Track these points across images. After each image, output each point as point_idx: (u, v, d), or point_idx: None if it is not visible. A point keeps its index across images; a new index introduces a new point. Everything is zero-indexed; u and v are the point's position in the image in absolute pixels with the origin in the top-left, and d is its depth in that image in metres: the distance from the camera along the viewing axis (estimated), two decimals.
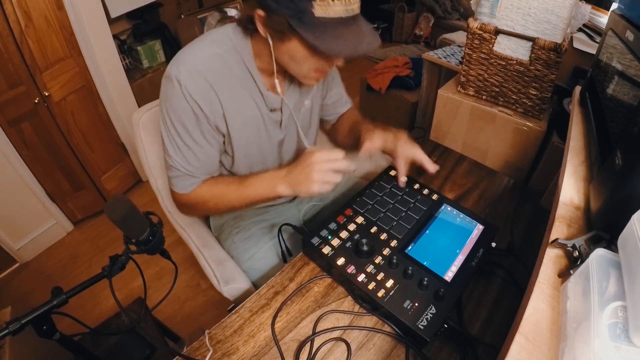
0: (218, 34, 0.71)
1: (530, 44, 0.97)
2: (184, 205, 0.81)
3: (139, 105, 1.91)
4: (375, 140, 0.81)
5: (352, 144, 0.96)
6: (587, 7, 0.93)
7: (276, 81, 0.73)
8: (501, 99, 1.11)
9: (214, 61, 0.69)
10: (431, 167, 0.81)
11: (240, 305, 0.68)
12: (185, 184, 0.76)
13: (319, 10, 0.57)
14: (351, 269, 0.67)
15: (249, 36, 0.70)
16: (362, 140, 0.81)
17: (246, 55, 0.71)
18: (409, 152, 0.81)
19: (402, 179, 0.82)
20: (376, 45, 0.64)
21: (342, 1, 0.58)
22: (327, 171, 0.68)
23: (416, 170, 0.86)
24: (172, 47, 2.15)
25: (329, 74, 0.93)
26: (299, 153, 0.93)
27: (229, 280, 0.84)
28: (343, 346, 0.62)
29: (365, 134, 0.83)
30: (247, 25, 0.68)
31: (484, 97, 1.14)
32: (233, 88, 0.72)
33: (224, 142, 0.79)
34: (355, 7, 0.61)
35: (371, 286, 0.64)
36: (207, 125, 0.72)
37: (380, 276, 0.66)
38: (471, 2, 1.07)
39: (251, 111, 0.76)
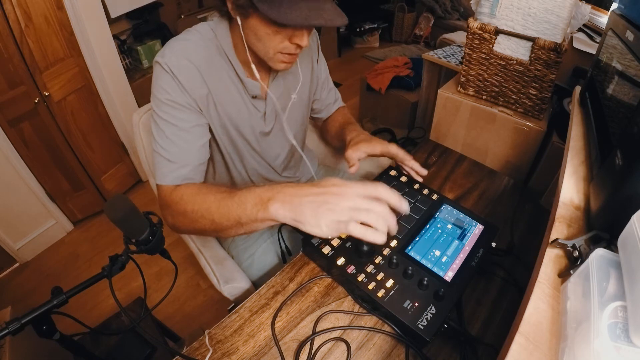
0: (201, 26, 0.74)
1: (530, 44, 0.97)
2: (166, 205, 0.72)
3: (139, 105, 1.91)
4: (360, 148, 0.80)
5: (339, 146, 0.97)
6: (587, 7, 0.93)
7: (252, 66, 0.73)
8: (501, 99, 1.11)
9: (198, 46, 0.71)
10: (422, 171, 0.83)
11: (240, 305, 0.68)
12: (164, 170, 0.71)
13: None
14: (351, 269, 0.67)
15: (228, 25, 0.72)
16: (346, 148, 0.82)
17: (226, 45, 0.73)
18: (403, 153, 0.83)
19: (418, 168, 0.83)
20: (337, 22, 0.62)
21: None
22: (364, 211, 0.49)
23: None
24: None
25: (320, 71, 0.94)
26: (288, 149, 0.92)
27: (229, 279, 0.84)
28: (343, 346, 0.62)
29: (350, 142, 0.83)
30: (221, 8, 0.70)
31: (484, 97, 1.14)
32: (217, 70, 0.74)
33: (210, 130, 0.77)
34: None
35: (371, 286, 0.64)
36: (190, 110, 0.71)
37: (380, 276, 0.66)
38: (471, 2, 1.07)
39: (235, 94, 0.77)
